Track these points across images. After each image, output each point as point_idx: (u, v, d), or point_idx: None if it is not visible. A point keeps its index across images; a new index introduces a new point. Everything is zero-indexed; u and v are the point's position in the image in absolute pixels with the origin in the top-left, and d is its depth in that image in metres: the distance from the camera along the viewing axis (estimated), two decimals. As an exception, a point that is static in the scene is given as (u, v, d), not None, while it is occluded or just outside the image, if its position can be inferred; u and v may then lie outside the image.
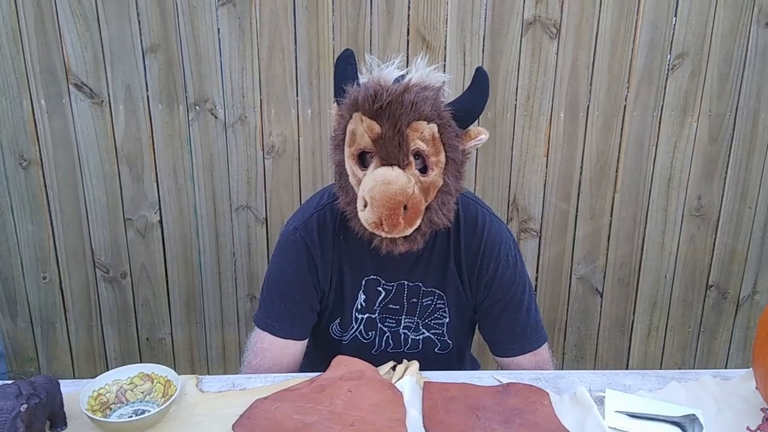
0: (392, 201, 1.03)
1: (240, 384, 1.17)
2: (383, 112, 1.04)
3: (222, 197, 2.06)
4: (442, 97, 1.10)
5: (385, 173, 1.04)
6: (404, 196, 1.04)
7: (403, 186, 1.04)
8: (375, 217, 1.05)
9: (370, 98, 1.05)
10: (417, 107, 1.04)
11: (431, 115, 1.06)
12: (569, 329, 2.27)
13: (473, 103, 1.12)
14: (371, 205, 1.05)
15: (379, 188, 1.03)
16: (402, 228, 1.06)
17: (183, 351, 2.22)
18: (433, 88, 1.08)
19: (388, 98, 1.03)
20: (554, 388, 1.16)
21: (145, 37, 1.90)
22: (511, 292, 1.25)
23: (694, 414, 1.07)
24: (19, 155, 1.98)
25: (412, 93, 1.05)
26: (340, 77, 1.13)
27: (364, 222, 1.08)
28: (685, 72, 2.00)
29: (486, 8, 1.92)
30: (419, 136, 1.06)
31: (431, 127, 1.07)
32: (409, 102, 1.04)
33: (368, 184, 1.05)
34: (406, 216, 1.06)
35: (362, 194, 1.06)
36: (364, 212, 1.07)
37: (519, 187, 2.09)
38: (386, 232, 1.07)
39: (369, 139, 1.06)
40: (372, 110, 1.05)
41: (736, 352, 2.32)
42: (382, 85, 1.05)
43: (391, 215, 1.04)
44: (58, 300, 2.15)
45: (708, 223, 2.16)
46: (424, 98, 1.05)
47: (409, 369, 1.19)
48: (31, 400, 0.91)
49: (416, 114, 1.05)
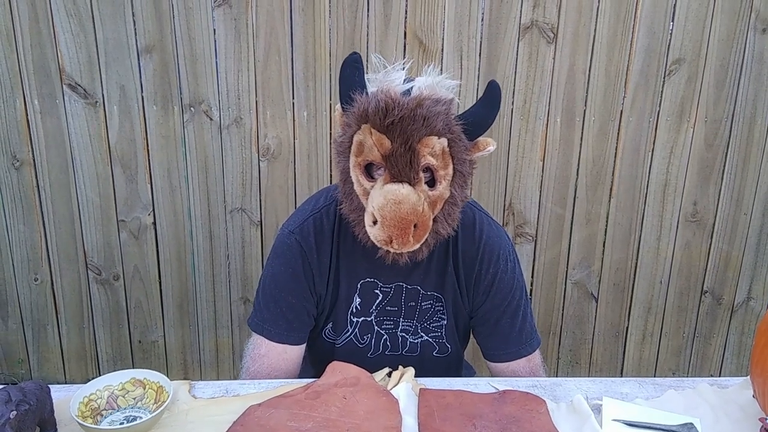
0: (403, 221, 1.02)
1: (233, 390, 1.16)
2: (394, 127, 1.02)
3: (216, 199, 2.04)
4: (453, 110, 1.08)
5: (396, 192, 1.02)
6: (415, 215, 1.03)
7: (414, 205, 1.03)
8: (386, 236, 1.04)
9: (381, 112, 1.02)
10: (429, 123, 1.02)
11: (442, 130, 1.04)
12: (564, 334, 2.26)
13: (484, 116, 1.11)
14: (382, 224, 1.03)
15: (390, 207, 1.02)
16: (411, 245, 1.06)
17: (176, 354, 2.19)
18: (445, 102, 1.06)
19: (399, 113, 1.01)
20: (551, 396, 1.15)
21: (140, 38, 1.88)
22: (510, 297, 1.25)
23: (691, 423, 1.07)
24: (12, 155, 1.96)
25: (424, 108, 1.02)
26: (346, 82, 1.10)
27: (373, 239, 1.07)
28: (682, 78, 2.00)
29: (483, 12, 1.91)
30: (430, 152, 1.04)
31: (441, 141, 1.05)
32: (421, 117, 1.01)
33: (378, 202, 1.03)
34: (415, 233, 1.05)
35: (372, 210, 1.05)
36: (373, 229, 1.06)
37: (515, 191, 2.09)
38: (395, 249, 1.06)
39: (378, 153, 1.04)
40: (383, 125, 1.02)
41: (730, 357, 2.33)
42: (393, 98, 1.02)
43: (402, 234, 1.03)
44: (49, 302, 2.13)
45: (703, 229, 2.16)
46: (436, 113, 1.03)
47: (405, 376, 1.18)
48: (20, 407, 0.90)
49: (428, 130, 1.03)
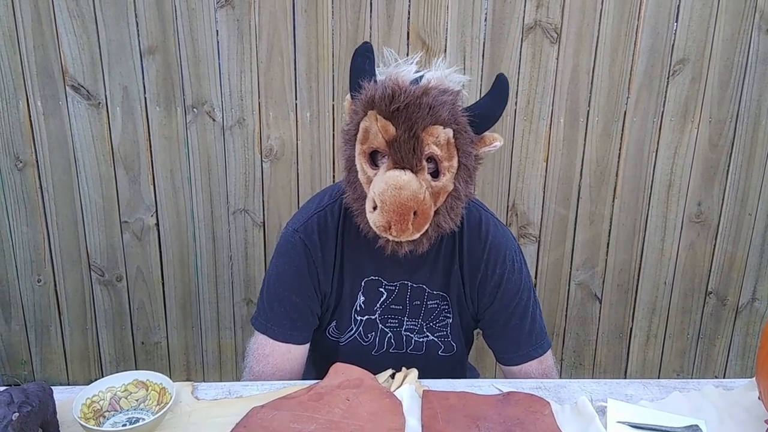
0: (403, 207, 1.02)
1: (236, 391, 1.15)
2: (399, 113, 1.02)
3: (219, 200, 2.04)
4: (460, 102, 1.08)
5: (397, 177, 1.03)
6: (415, 202, 1.03)
7: (415, 192, 1.03)
8: (384, 221, 1.04)
9: (387, 98, 1.02)
10: (434, 111, 1.02)
11: (448, 120, 1.04)
12: (568, 335, 2.26)
13: (491, 109, 1.10)
14: (381, 209, 1.03)
15: (391, 192, 1.02)
16: (410, 233, 1.05)
17: (178, 355, 2.19)
18: (452, 92, 1.06)
19: (405, 100, 1.01)
20: (555, 398, 1.15)
21: (143, 39, 1.88)
22: (518, 298, 1.24)
23: (696, 425, 1.06)
24: (15, 157, 1.97)
25: (431, 96, 1.02)
26: (356, 71, 1.11)
27: (372, 224, 1.07)
28: (686, 78, 1.99)
29: (486, 12, 1.91)
30: (434, 141, 1.04)
31: (447, 132, 1.05)
32: (426, 105, 1.02)
33: (379, 187, 1.03)
34: (415, 221, 1.04)
35: (372, 196, 1.05)
36: (373, 214, 1.06)
37: (518, 192, 2.08)
38: (394, 236, 1.06)
39: (383, 140, 1.04)
40: (388, 111, 1.03)
41: (735, 359, 2.32)
42: (400, 85, 1.03)
43: (401, 220, 1.03)
44: (52, 303, 2.13)
45: (708, 230, 2.15)
46: (442, 102, 1.03)
47: (408, 377, 1.18)
48: (23, 408, 0.90)
49: (433, 118, 1.03)
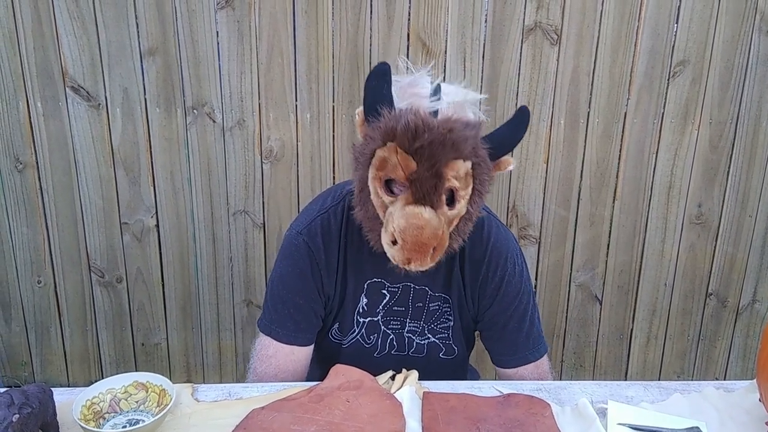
0: (424, 246, 1.02)
1: (236, 393, 1.15)
2: (423, 150, 1.00)
3: (219, 202, 2.04)
4: (481, 134, 1.06)
5: (418, 216, 1.01)
6: (436, 240, 1.02)
7: (435, 229, 1.02)
8: (405, 258, 1.04)
9: (411, 134, 1.00)
10: (457, 147, 1.01)
11: (469, 154, 1.03)
12: (568, 337, 2.25)
13: (510, 138, 1.10)
14: (402, 247, 1.02)
15: (412, 232, 1.01)
16: (428, 264, 1.05)
17: (179, 357, 2.19)
18: (475, 125, 1.05)
19: (429, 138, 0.99)
20: (556, 400, 1.15)
21: (143, 40, 1.88)
22: (517, 301, 1.24)
23: (697, 426, 1.06)
24: (15, 158, 1.97)
25: (455, 133, 1.00)
26: (373, 93, 1.07)
27: (391, 258, 1.06)
28: (686, 79, 1.99)
29: (486, 14, 1.90)
30: (454, 175, 1.03)
31: (466, 164, 1.04)
32: (450, 142, 1.00)
33: (400, 224, 1.02)
34: (433, 254, 1.05)
35: (392, 230, 1.03)
36: (392, 249, 1.05)
37: (518, 193, 2.08)
38: (413, 269, 1.06)
39: (402, 174, 1.02)
40: (411, 148, 1.00)
41: (735, 360, 2.31)
42: (424, 121, 1.00)
43: (422, 258, 1.03)
44: (52, 304, 2.13)
45: (708, 231, 2.15)
46: (465, 138, 1.01)
47: (409, 379, 1.18)
48: (23, 410, 0.90)
49: (456, 154, 1.01)
